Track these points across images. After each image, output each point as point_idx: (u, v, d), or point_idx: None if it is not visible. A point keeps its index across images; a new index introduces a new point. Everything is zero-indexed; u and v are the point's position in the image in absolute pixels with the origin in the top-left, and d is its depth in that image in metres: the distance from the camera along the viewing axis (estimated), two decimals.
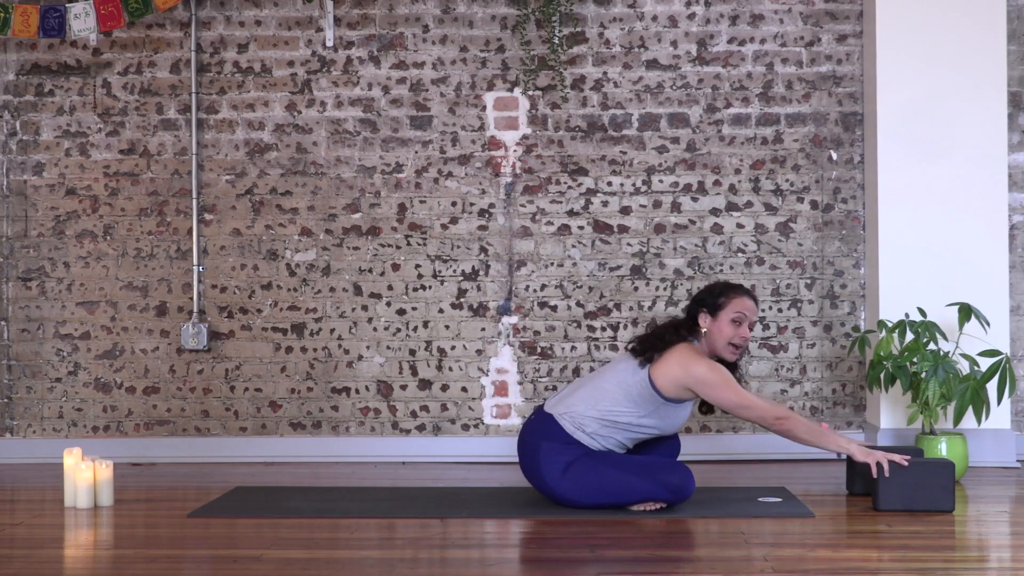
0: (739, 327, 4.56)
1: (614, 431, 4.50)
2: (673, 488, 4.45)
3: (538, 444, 4.51)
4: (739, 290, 4.63)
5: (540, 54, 5.84)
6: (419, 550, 4.02)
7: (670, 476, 4.46)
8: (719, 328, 4.57)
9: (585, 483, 4.44)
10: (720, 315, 4.57)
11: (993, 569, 3.77)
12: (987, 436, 5.48)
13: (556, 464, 4.47)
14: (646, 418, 4.51)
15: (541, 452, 4.49)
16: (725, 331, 4.56)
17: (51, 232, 5.94)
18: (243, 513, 4.56)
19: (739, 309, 4.56)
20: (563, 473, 4.45)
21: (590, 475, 4.44)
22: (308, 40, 5.92)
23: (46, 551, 3.99)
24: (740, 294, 4.61)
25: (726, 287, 4.64)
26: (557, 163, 5.87)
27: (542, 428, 4.53)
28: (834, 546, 3.98)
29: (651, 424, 4.53)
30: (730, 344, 4.55)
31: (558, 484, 4.46)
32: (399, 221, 5.89)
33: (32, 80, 5.95)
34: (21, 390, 5.94)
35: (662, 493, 4.44)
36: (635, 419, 4.50)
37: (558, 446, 4.48)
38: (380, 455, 5.84)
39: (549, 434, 4.51)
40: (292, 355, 5.90)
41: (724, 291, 4.62)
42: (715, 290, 4.63)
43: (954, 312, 5.40)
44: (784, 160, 5.85)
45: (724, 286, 4.65)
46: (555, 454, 4.47)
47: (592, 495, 4.45)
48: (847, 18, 5.82)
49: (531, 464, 4.52)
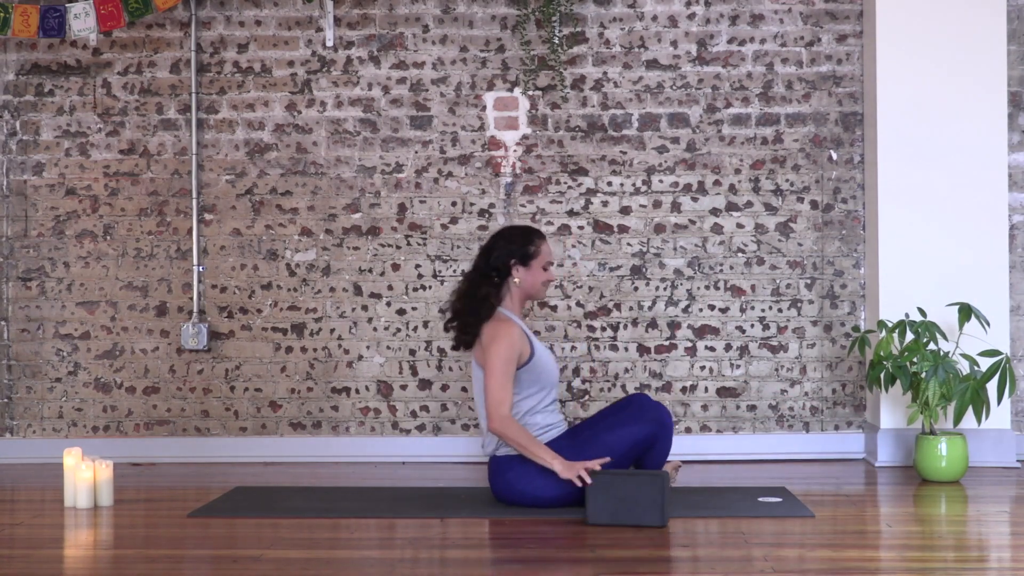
0: (547, 271, 4.67)
1: (528, 418, 4.53)
2: (653, 419, 4.51)
3: (509, 483, 4.53)
4: (539, 234, 4.70)
5: (540, 54, 5.84)
6: (419, 550, 4.02)
7: (645, 411, 4.54)
8: (534, 276, 4.65)
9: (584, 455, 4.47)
10: (532, 264, 4.63)
11: (993, 569, 3.77)
12: (987, 436, 5.48)
13: (532, 474, 4.48)
14: (530, 389, 4.54)
15: (519, 483, 4.50)
16: (539, 278, 4.66)
17: (51, 232, 5.94)
18: (243, 513, 4.56)
19: (547, 256, 4.66)
20: (541, 472, 4.46)
21: (585, 451, 4.47)
22: (308, 40, 5.92)
23: (46, 551, 3.99)
24: (542, 238, 4.69)
25: (526, 233, 4.69)
26: (557, 163, 5.87)
27: (501, 470, 4.55)
28: (834, 546, 3.98)
29: (537, 391, 4.56)
30: (543, 286, 4.67)
31: (552, 482, 4.46)
32: (399, 221, 5.89)
33: (32, 80, 5.95)
34: (21, 390, 5.94)
35: (651, 427, 4.50)
36: (527, 399, 4.53)
37: (523, 468, 4.49)
38: (380, 455, 5.84)
39: (510, 470, 4.52)
40: (292, 355, 5.90)
41: (528, 239, 4.66)
42: (517, 239, 4.65)
43: (954, 312, 5.40)
44: (784, 160, 5.85)
45: (523, 233, 4.69)
46: (527, 473, 4.49)
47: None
48: (847, 18, 5.82)
49: (522, 498, 4.52)
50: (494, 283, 4.62)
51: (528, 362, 4.54)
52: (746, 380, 5.83)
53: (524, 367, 4.53)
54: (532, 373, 4.55)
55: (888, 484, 5.17)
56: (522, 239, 4.65)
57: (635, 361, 5.83)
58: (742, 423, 5.83)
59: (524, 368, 4.53)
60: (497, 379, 4.45)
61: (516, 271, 4.62)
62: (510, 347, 4.48)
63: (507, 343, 4.48)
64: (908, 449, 5.50)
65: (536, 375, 4.56)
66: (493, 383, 4.45)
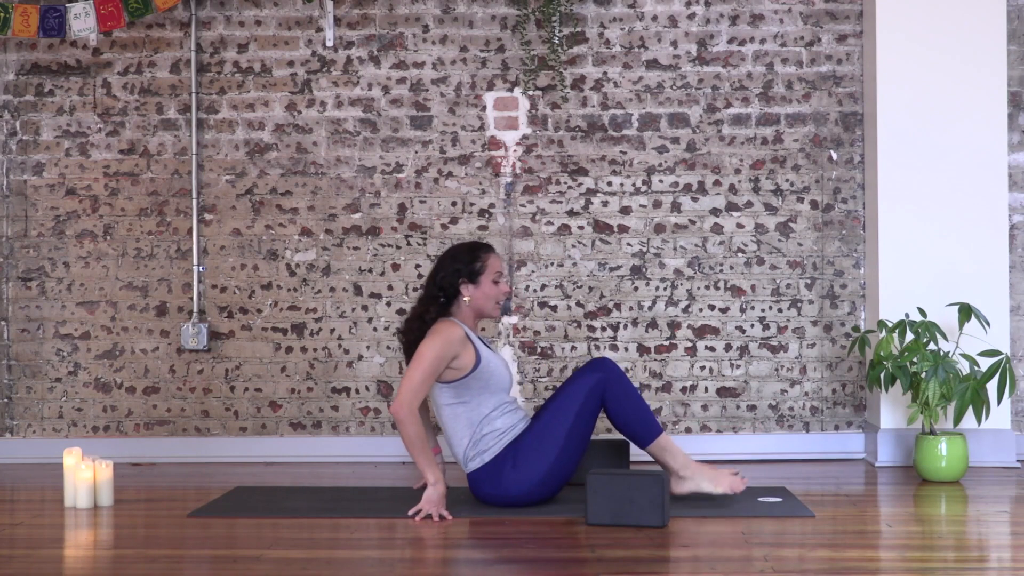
0: (498, 285, 4.61)
1: (488, 425, 4.52)
2: (595, 367, 4.51)
3: (485, 492, 4.55)
4: (486, 248, 4.65)
5: (540, 54, 5.84)
6: (419, 550, 4.02)
7: (587, 365, 4.56)
8: (484, 292, 4.60)
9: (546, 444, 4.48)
10: (481, 280, 4.59)
11: (993, 569, 3.77)
12: (987, 436, 5.48)
13: (504, 471, 4.49)
14: (480, 396, 4.53)
15: (489, 483, 4.52)
16: (490, 293, 4.61)
17: (51, 232, 5.94)
18: (243, 513, 4.56)
19: (496, 269, 4.61)
20: (514, 465, 4.47)
21: (545, 430, 4.48)
22: (308, 40, 5.92)
23: (46, 551, 3.99)
24: (489, 252, 4.64)
25: (472, 249, 4.63)
26: (557, 163, 5.87)
27: (479, 483, 4.56)
28: (834, 546, 3.98)
29: (490, 395, 4.54)
30: (496, 303, 4.62)
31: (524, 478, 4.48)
32: (399, 221, 5.89)
33: (32, 80, 5.96)
34: (21, 390, 5.94)
35: (596, 374, 4.48)
36: (479, 406, 4.52)
37: (496, 470, 4.51)
38: (380, 455, 5.84)
39: (486, 480, 4.53)
40: (292, 355, 5.90)
41: (474, 255, 4.61)
42: (462, 256, 4.61)
43: (954, 312, 5.40)
44: (784, 160, 5.85)
45: (469, 249, 4.64)
46: (497, 474, 4.50)
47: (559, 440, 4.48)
48: (847, 18, 5.82)
49: (503, 496, 4.53)
50: (441, 304, 4.59)
51: (474, 369, 4.51)
52: (746, 380, 5.84)
53: (471, 374, 4.51)
54: (479, 380, 4.52)
55: (888, 484, 5.18)
56: (468, 255, 4.60)
57: (635, 361, 5.84)
58: (742, 423, 5.83)
59: (471, 375, 4.50)
60: (423, 370, 4.41)
61: (465, 289, 4.58)
62: (445, 344, 4.44)
63: (443, 340, 4.45)
64: (908, 449, 5.50)
65: (484, 381, 4.53)
66: (416, 373, 4.41)
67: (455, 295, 4.59)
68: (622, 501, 4.20)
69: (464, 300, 4.59)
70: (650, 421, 4.54)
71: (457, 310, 4.61)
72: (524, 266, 5.87)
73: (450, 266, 4.59)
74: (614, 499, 4.21)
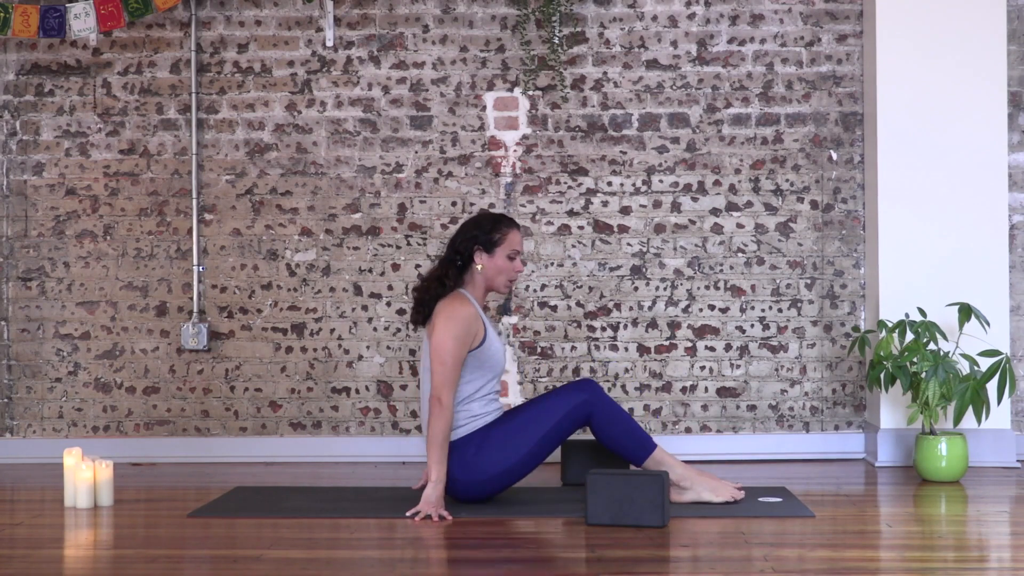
0: (513, 262, 4.59)
1: (465, 405, 4.51)
2: (580, 387, 4.50)
3: (470, 484, 4.54)
4: (509, 222, 4.62)
5: (540, 54, 5.84)
6: (419, 550, 4.02)
7: (574, 383, 4.54)
8: (496, 265, 4.58)
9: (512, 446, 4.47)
10: (496, 251, 4.58)
11: (993, 569, 3.77)
12: (987, 436, 5.48)
13: (467, 455, 4.48)
14: (473, 374, 4.51)
15: (472, 474, 4.51)
16: (503, 267, 4.59)
17: (51, 232, 5.94)
18: (243, 513, 4.56)
19: (514, 245, 4.59)
20: (477, 452, 4.47)
21: (518, 428, 4.49)
22: (308, 40, 5.92)
23: (46, 551, 3.99)
24: (512, 227, 4.61)
25: (496, 221, 4.61)
26: (557, 163, 5.87)
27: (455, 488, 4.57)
28: (834, 546, 3.98)
29: (479, 376, 4.53)
30: (508, 280, 4.61)
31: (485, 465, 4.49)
32: (399, 221, 5.89)
33: (32, 80, 5.96)
34: (21, 390, 5.94)
35: (580, 394, 4.47)
36: (466, 384, 4.51)
37: (457, 450, 4.49)
38: (380, 455, 5.84)
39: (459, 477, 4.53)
40: (292, 355, 5.90)
41: (495, 226, 4.59)
42: (485, 225, 4.59)
43: (954, 312, 5.40)
44: (784, 160, 5.85)
45: (493, 220, 4.62)
46: (458, 455, 4.49)
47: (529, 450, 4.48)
48: (847, 18, 5.82)
49: (451, 478, 4.52)
50: (456, 266, 4.59)
51: (479, 346, 4.51)
52: (746, 380, 5.84)
53: (474, 351, 4.51)
54: (479, 359, 4.52)
55: (888, 484, 5.18)
56: (490, 224, 4.60)
57: (635, 361, 5.84)
58: (742, 423, 5.84)
59: (473, 352, 4.50)
60: (453, 356, 4.40)
61: (479, 256, 4.57)
62: (463, 324, 4.44)
63: (462, 322, 4.44)
64: (908, 449, 5.50)
65: (482, 360, 4.53)
66: (447, 359, 4.40)
67: (469, 261, 4.59)
68: (622, 501, 4.20)
69: (476, 268, 4.58)
70: (642, 439, 4.55)
71: (470, 278, 4.61)
72: (524, 266, 5.86)
73: (470, 231, 4.59)
74: (614, 499, 4.21)
